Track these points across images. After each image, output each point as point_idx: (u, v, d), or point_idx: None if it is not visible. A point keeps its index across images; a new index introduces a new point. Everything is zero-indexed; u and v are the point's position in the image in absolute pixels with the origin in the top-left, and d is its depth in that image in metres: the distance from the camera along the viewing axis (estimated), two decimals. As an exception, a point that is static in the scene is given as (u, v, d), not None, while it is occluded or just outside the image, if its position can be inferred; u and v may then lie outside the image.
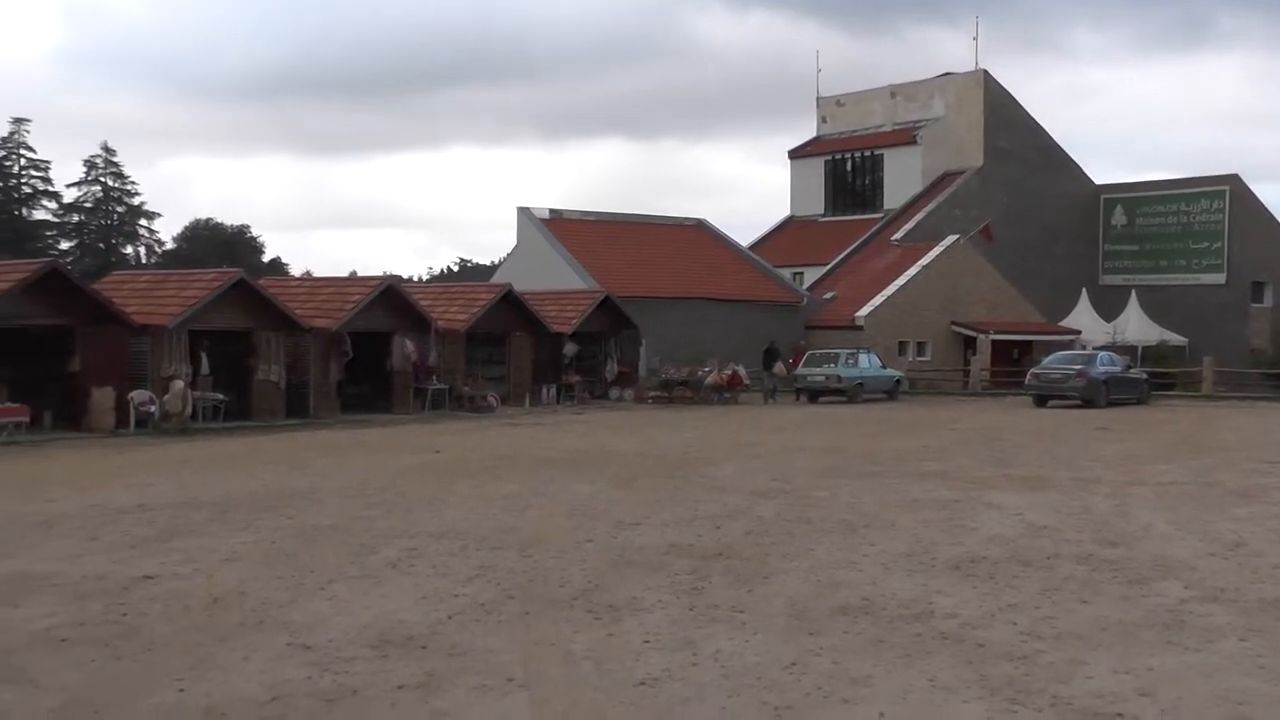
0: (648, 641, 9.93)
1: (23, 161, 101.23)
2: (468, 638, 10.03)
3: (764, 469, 22.74)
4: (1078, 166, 75.41)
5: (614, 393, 46.91)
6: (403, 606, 11.10)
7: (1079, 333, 60.27)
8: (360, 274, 47.01)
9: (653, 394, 46.73)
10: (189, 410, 32.05)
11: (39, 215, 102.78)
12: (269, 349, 34.81)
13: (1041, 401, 44.33)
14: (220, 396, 34.13)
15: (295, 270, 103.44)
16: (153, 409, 31.73)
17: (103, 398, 30.97)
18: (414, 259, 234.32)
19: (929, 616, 10.79)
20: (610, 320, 47.40)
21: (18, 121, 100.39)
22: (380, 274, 41.23)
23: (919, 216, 67.73)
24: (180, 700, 8.38)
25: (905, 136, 72.35)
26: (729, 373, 46.80)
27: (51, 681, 8.83)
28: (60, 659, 9.41)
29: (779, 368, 49.20)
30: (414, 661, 9.30)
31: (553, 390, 44.67)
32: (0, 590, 11.85)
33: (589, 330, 46.59)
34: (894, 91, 75.15)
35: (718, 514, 16.87)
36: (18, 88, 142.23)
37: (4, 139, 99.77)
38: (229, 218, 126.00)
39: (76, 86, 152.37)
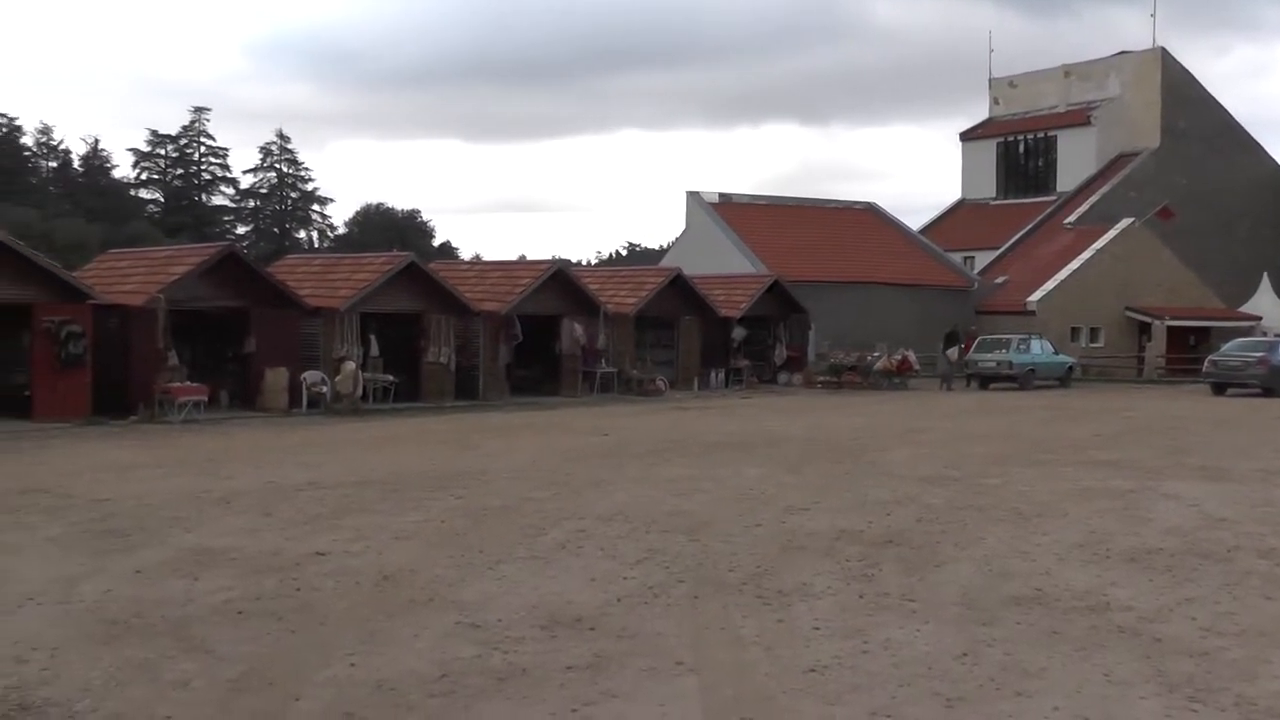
0: (817, 628, 9.77)
1: (202, 149, 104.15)
2: (636, 620, 9.97)
3: (934, 455, 22.37)
4: (1260, 147, 73.03)
5: (782, 377, 46.67)
6: (571, 588, 11.09)
7: (1259, 319, 58.24)
8: (529, 258, 47.41)
9: (821, 379, 46.36)
10: (360, 391, 32.59)
11: (217, 201, 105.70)
12: (438, 332, 35.24)
13: (1220, 389, 42.98)
14: (390, 378, 34.64)
15: (464, 254, 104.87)
16: (324, 390, 32.34)
17: (276, 378, 31.64)
18: (582, 243, 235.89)
19: (1104, 609, 10.46)
20: (779, 305, 47.13)
21: (198, 111, 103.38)
22: (549, 258, 41.46)
23: (1093, 199, 66.22)
24: (351, 674, 8.45)
25: (1079, 117, 70.74)
26: (898, 358, 46.23)
27: (229, 653, 8.97)
28: (237, 631, 9.57)
29: (953, 353, 48.32)
30: (583, 643, 9.27)
31: (721, 374, 44.58)
32: (180, 563, 12.12)
33: (757, 314, 46.38)
34: (1068, 71, 73.48)
35: (887, 500, 16.61)
36: (201, 78, 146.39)
37: (185, 127, 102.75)
38: (400, 202, 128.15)
39: (256, 77, 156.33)
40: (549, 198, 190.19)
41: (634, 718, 7.72)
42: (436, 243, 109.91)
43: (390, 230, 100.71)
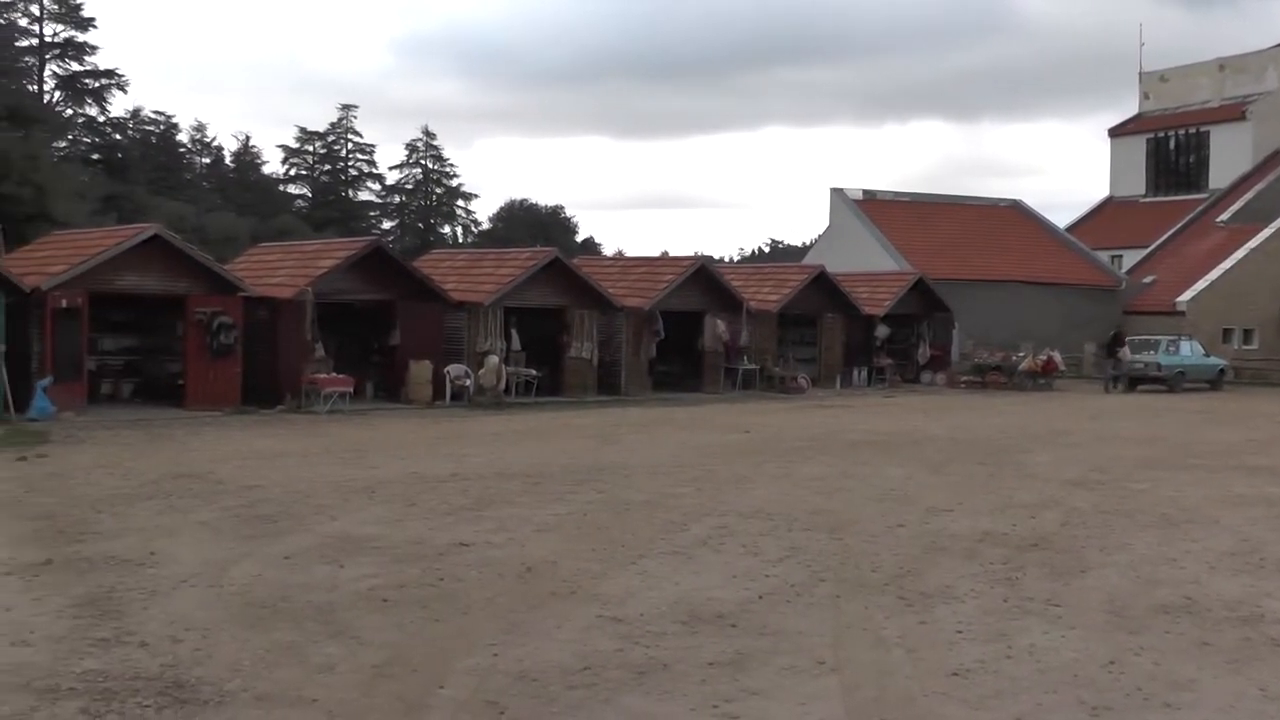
0: (960, 631, 9.65)
1: (350, 146, 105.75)
2: (778, 618, 9.93)
3: (1080, 458, 21.96)
4: None
5: (925, 376, 46.14)
6: (713, 584, 11.08)
7: None
8: (672, 254, 47.38)
9: (965, 378, 45.75)
10: (503, 384, 32.86)
11: (363, 196, 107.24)
12: (581, 326, 35.44)
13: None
14: (533, 372, 34.90)
15: (607, 250, 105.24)
16: (468, 382, 32.69)
17: (421, 371, 32.05)
18: (725, 239, 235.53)
19: (1258, 620, 10.17)
20: (923, 303, 46.61)
21: (346, 108, 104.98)
22: (692, 254, 41.40)
23: (1247, 196, 64.31)
24: (493, 664, 8.52)
25: (1234, 112, 68.79)
26: (1043, 358, 45.42)
27: (374, 638, 9.10)
28: (381, 618, 9.70)
29: (1124, 353, 46.90)
30: (724, 639, 9.25)
31: (863, 373, 44.22)
32: (327, 551, 12.33)
33: (901, 313, 45.90)
34: (1222, 64, 71.52)
35: (1032, 503, 16.35)
36: (350, 76, 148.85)
37: (333, 125, 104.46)
38: (544, 198, 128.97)
39: (404, 74, 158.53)
40: (693, 194, 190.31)
41: (775, 716, 7.68)
42: (579, 238, 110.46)
43: (534, 226, 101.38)
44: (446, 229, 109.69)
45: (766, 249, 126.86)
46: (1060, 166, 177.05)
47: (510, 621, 9.63)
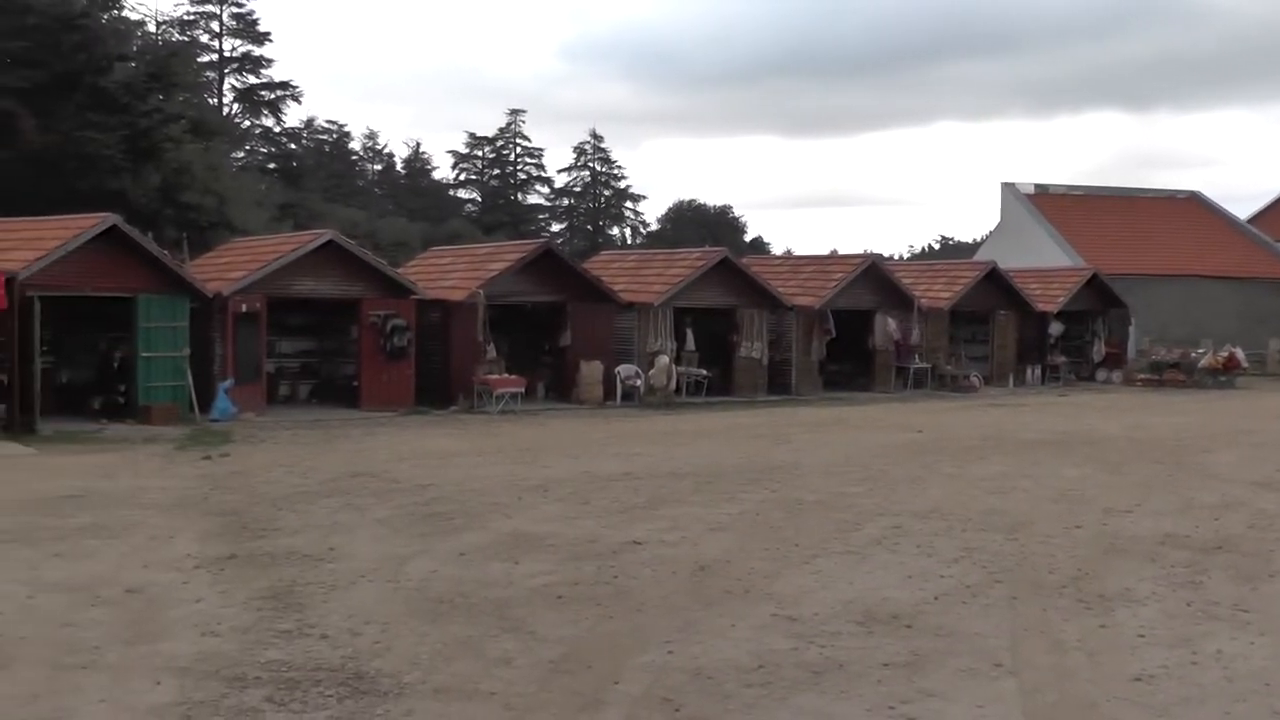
0: (1142, 635, 9.41)
1: (519, 150, 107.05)
2: (954, 619, 9.79)
3: (1266, 458, 21.30)
4: None
5: (1101, 374, 45.11)
6: (887, 584, 10.97)
7: None
8: (840, 252, 47.01)
9: (1142, 376, 44.61)
10: (673, 385, 32.92)
11: (532, 199, 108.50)
12: (751, 326, 35.38)
13: None
14: (703, 372, 34.91)
15: (775, 249, 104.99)
16: (638, 383, 32.83)
17: (591, 371, 32.28)
18: (894, 237, 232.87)
19: None
20: (1098, 299, 45.57)
21: (514, 113, 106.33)
22: (861, 252, 41.02)
23: None
24: (668, 661, 8.53)
25: None
26: (1225, 355, 44.10)
27: (549, 634, 9.18)
28: (556, 614, 9.78)
29: None
30: (899, 640, 9.15)
31: (1037, 371, 43.39)
32: (501, 547, 12.47)
33: (1075, 309, 44.94)
34: None
35: (1215, 504, 15.89)
36: (518, 82, 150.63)
37: (502, 129, 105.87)
38: (711, 199, 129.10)
39: (573, 78, 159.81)
40: (861, 191, 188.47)
41: (952, 718, 7.58)
42: (748, 238, 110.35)
43: (702, 226, 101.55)
44: (615, 230, 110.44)
45: (936, 246, 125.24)
46: (1240, 157, 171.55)
47: (684, 619, 9.64)
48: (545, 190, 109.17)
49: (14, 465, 19.60)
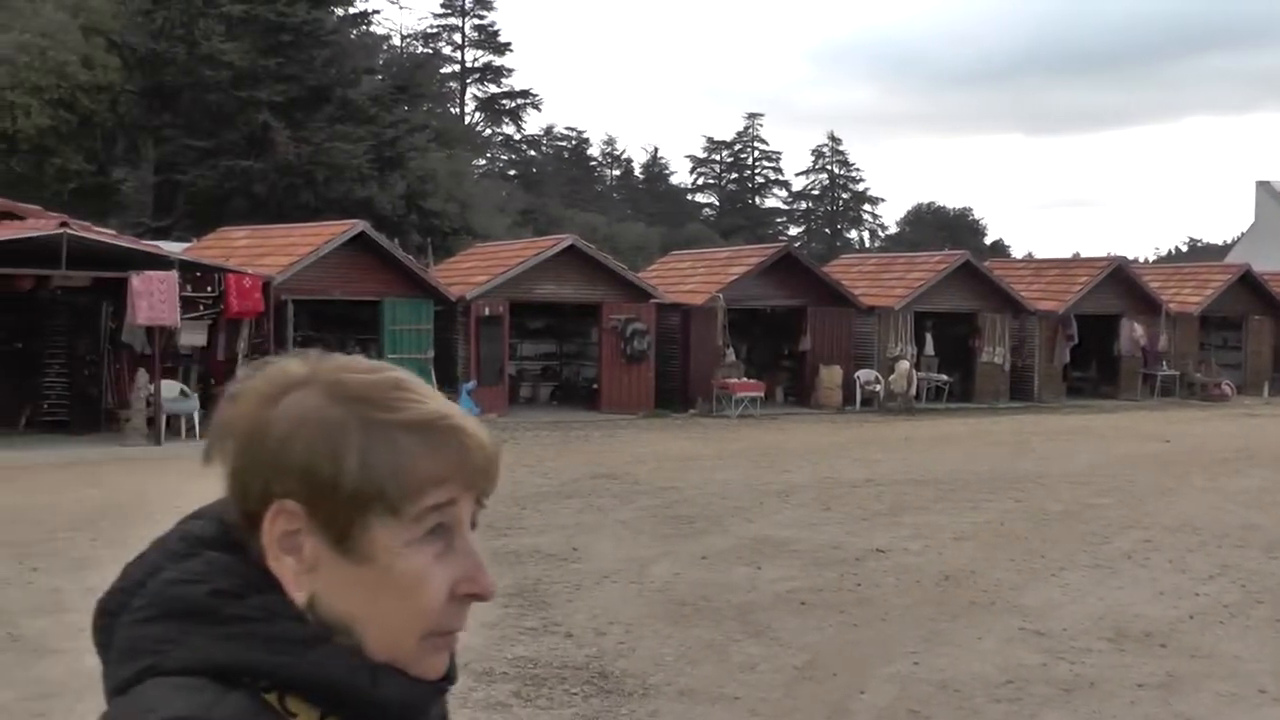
0: None
1: (756, 153, 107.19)
2: (1211, 640, 9.41)
3: None
4: None
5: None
6: (1139, 600, 10.62)
7: None
8: (1084, 255, 45.77)
9: None
10: (913, 390, 32.54)
11: (770, 203, 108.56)
12: (993, 331, 34.76)
13: None
14: (944, 377, 34.44)
15: (1016, 252, 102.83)
16: (878, 388, 32.54)
17: (830, 375, 32.11)
18: (1140, 239, 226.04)
19: None
20: (1362, 305, 43.46)
21: (752, 116, 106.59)
22: (1105, 255, 39.87)
23: None
24: (914, 672, 8.41)
25: None
26: None
27: (793, 641, 9.15)
28: (800, 621, 9.73)
29: None
30: (1153, 659, 8.84)
31: (1294, 379, 41.61)
32: (743, 552, 12.48)
33: (1338, 315, 42.94)
34: None
35: None
36: (756, 86, 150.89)
37: (740, 133, 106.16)
38: (951, 200, 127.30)
39: (816, 81, 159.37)
40: (1106, 191, 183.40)
41: (1214, 742, 7.30)
42: (988, 240, 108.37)
43: (942, 229, 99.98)
44: (853, 234, 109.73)
45: (1184, 248, 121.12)
46: None
47: (930, 630, 9.50)
48: (783, 194, 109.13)
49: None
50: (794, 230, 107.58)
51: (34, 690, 7.70)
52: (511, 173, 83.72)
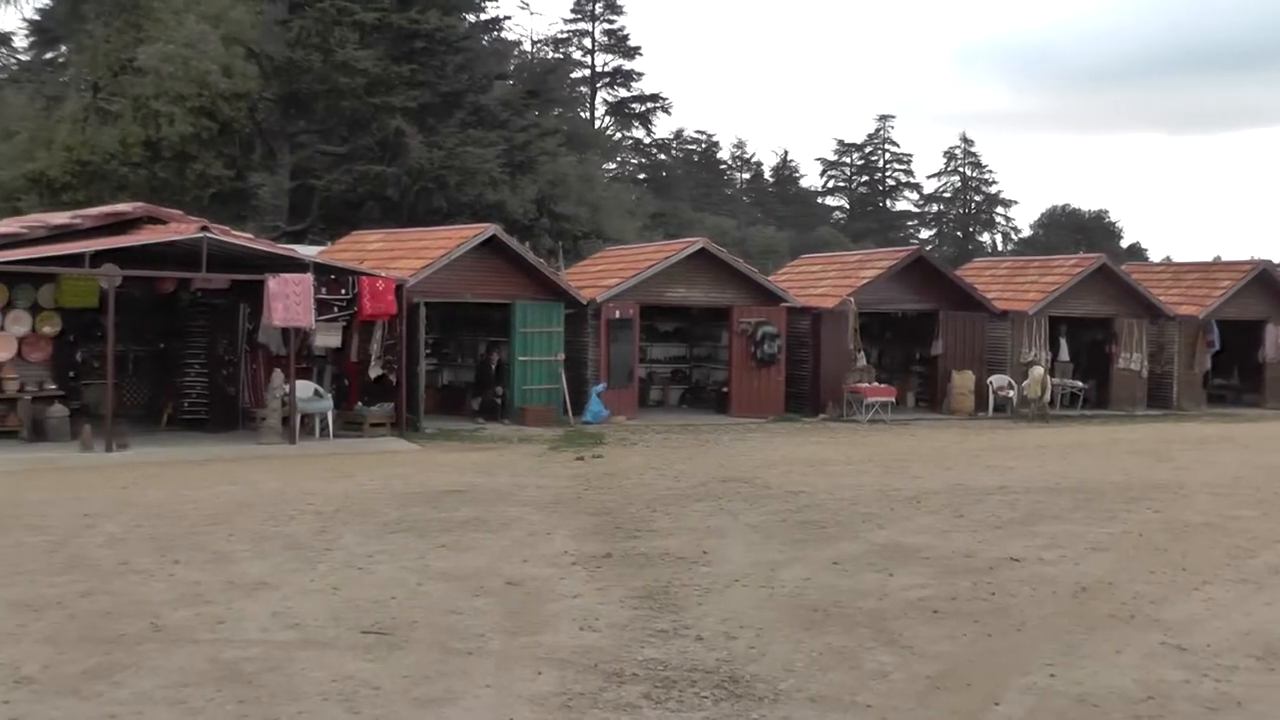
0: None
1: (887, 156, 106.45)
2: (1369, 660, 9.06)
3: None
4: None
5: None
6: (1288, 616, 10.28)
7: None
8: (1225, 258, 44.68)
9: None
10: (1047, 396, 32.02)
11: (900, 206, 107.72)
12: (1130, 336, 34.10)
13: None
14: (1080, 384, 33.86)
15: (1154, 255, 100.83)
16: (1011, 394, 32.07)
17: (962, 381, 31.72)
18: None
19: None
20: None
21: (883, 118, 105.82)
22: (1249, 258, 38.87)
23: None
24: (1050, 685, 8.20)
25: None
26: None
27: (926, 649, 8.98)
28: (933, 629, 9.56)
29: None
30: (1306, 679, 8.53)
31: None
32: (874, 558, 12.31)
33: None
34: None
35: None
36: (887, 88, 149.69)
37: (870, 135, 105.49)
38: (1085, 203, 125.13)
39: (945, 83, 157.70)
40: (1249, 192, 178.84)
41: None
42: (1124, 244, 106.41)
43: (1076, 231, 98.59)
44: (985, 237, 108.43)
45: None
46: None
47: (1066, 642, 9.26)
48: (914, 196, 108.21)
49: (402, 460, 20.60)
50: (925, 233, 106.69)
51: (174, 679, 7.82)
52: (641, 176, 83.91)
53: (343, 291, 23.41)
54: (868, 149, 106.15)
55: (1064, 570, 11.86)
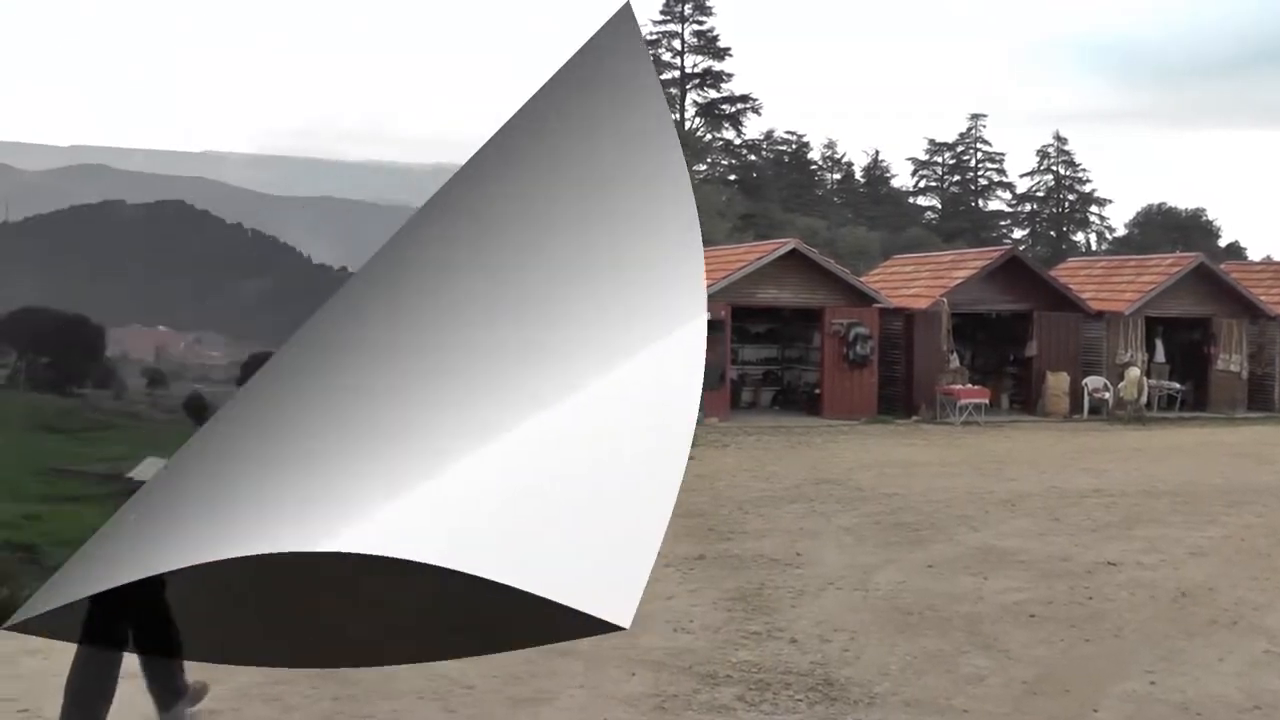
0: None
1: (979, 155, 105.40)
2: None
3: None
4: None
5: None
6: (1394, 623, 10.06)
7: None
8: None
9: None
10: (1144, 398, 31.60)
11: (993, 205, 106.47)
12: (1229, 337, 33.54)
13: None
14: (1177, 386, 33.38)
15: (1254, 254, 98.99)
16: (1106, 396, 31.68)
17: (1057, 382, 31.37)
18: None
19: None
20: None
21: (975, 117, 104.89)
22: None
23: None
24: (1150, 692, 8.10)
25: None
26: None
27: (1022, 654, 8.91)
28: (1029, 634, 9.48)
29: None
30: None
31: None
32: (969, 561, 12.23)
33: None
34: None
35: None
36: (979, 86, 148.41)
37: (962, 134, 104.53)
38: (1182, 201, 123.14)
39: (1036, 80, 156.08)
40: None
41: None
42: (1222, 243, 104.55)
43: (1173, 230, 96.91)
44: (1079, 236, 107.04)
45: None
46: None
47: (1166, 648, 9.15)
48: (1006, 196, 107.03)
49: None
50: (1018, 233, 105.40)
51: (268, 675, 7.90)
52: (732, 177, 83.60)
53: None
54: (959, 148, 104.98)
55: (1163, 575, 11.72)
